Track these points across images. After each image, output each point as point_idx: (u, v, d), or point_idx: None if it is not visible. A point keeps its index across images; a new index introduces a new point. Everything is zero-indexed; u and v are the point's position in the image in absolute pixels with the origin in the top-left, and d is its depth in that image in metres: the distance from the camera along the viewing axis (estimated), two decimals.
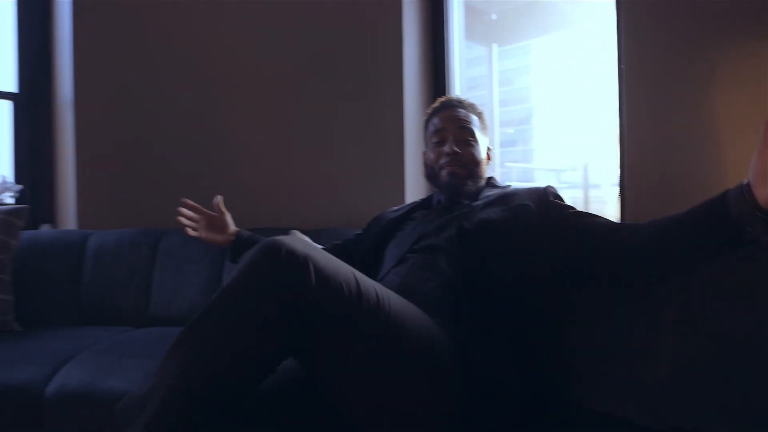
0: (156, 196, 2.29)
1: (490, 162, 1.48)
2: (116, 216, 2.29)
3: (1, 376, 1.46)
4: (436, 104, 1.50)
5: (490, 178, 1.47)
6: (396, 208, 1.56)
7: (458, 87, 2.30)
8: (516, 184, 1.55)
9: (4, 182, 2.27)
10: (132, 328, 1.94)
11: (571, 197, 2.21)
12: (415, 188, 2.16)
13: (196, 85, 2.31)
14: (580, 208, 1.27)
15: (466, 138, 1.40)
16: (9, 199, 2.28)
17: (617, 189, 1.68)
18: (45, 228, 2.41)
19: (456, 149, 1.38)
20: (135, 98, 2.33)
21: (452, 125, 1.41)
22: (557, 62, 2.73)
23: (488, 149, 1.48)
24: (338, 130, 2.18)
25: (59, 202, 2.47)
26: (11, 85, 2.43)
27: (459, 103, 1.46)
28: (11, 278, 1.90)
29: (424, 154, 1.52)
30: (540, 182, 1.48)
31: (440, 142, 1.42)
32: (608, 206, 2.04)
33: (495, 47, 3.95)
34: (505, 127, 3.66)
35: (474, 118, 1.44)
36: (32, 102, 2.44)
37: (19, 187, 2.31)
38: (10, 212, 1.95)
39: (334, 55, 2.19)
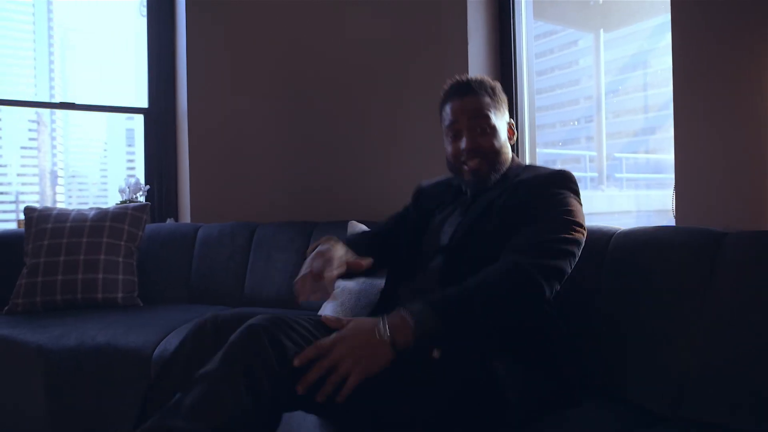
0: (253, 195, 2.61)
1: (513, 137, 1.39)
2: (222, 211, 2.63)
3: (120, 340, 1.80)
4: (446, 88, 1.39)
5: (513, 158, 1.39)
6: (434, 182, 1.52)
7: (526, 78, 2.30)
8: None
9: (137, 184, 2.71)
10: (228, 307, 2.24)
11: None
12: None
13: (291, 95, 2.59)
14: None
15: (482, 127, 1.31)
16: (141, 197, 2.71)
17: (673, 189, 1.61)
18: (169, 221, 2.82)
19: (473, 145, 1.30)
20: (237, 110, 2.67)
21: (464, 117, 1.31)
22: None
23: (509, 124, 1.39)
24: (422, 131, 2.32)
25: (180, 199, 2.88)
26: (143, 101, 2.88)
27: (468, 89, 1.33)
28: (137, 263, 2.29)
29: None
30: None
31: (456, 137, 1.33)
32: None
33: (602, 33, 3.80)
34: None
35: (486, 100, 1.32)
36: (159, 115, 2.87)
37: (148, 187, 2.74)
38: (137, 208, 2.35)
39: (415, 66, 2.32)
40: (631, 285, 1.30)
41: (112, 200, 4.28)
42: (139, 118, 2.89)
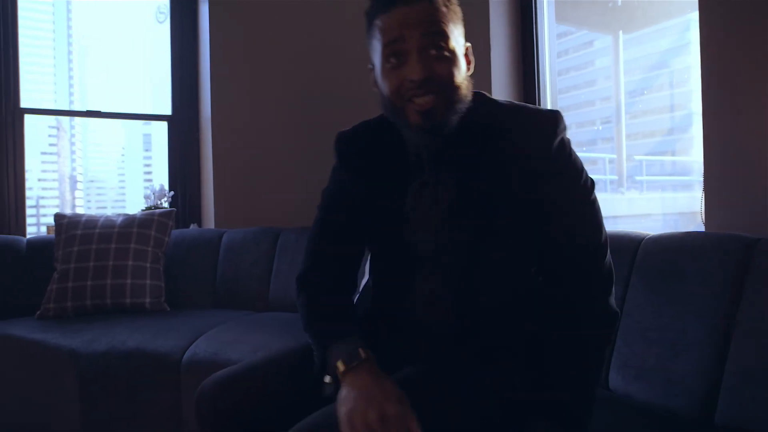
0: (276, 200, 2.64)
1: (471, 67, 1.02)
2: (245, 217, 2.66)
3: (149, 344, 1.84)
4: None
5: (477, 93, 1.03)
6: (355, 133, 1.14)
7: (548, 74, 2.30)
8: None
9: (162, 190, 2.75)
10: (254, 312, 2.26)
11: None
12: None
13: (312, 100, 2.61)
14: None
15: (438, 46, 0.94)
16: (165, 203, 2.75)
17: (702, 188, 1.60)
18: (193, 227, 2.86)
19: (427, 73, 0.92)
20: (260, 116, 2.70)
21: (414, 32, 0.93)
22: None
23: (467, 48, 1.01)
24: None
25: (203, 205, 2.92)
26: (160, 107, 2.93)
27: None
28: (163, 268, 2.33)
29: (371, 72, 1.04)
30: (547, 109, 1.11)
31: (400, 63, 0.95)
32: None
33: (621, 34, 3.79)
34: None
35: (442, 9, 0.96)
36: (183, 123, 2.92)
37: (172, 193, 2.78)
38: (163, 214, 2.39)
39: None
40: (661, 290, 1.30)
41: (129, 204, 4.35)
42: (157, 124, 2.94)
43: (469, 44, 1.02)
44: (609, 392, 1.35)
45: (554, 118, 0.99)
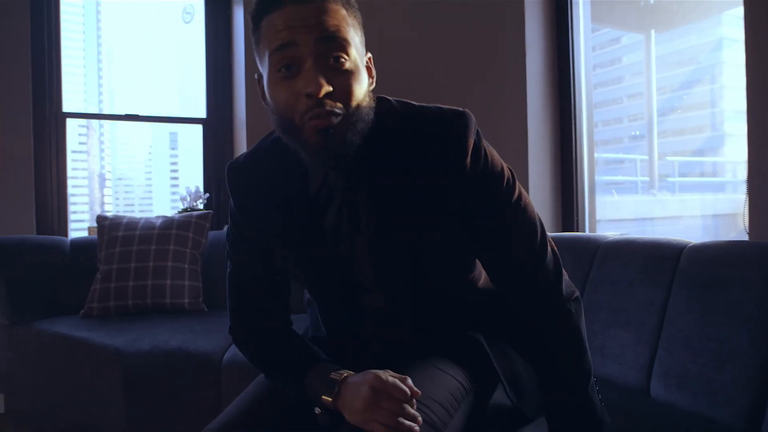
0: None
1: (372, 77, 0.92)
2: None
3: (191, 344, 1.89)
4: None
5: (379, 100, 0.92)
6: (246, 166, 1.00)
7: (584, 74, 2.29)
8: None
9: (197, 192, 2.81)
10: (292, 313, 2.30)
11: None
12: (538, 171, 2.23)
13: None
14: None
15: (337, 56, 0.82)
16: (200, 204, 2.81)
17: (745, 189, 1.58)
18: (226, 228, 2.92)
19: (324, 86, 0.80)
20: None
21: (308, 36, 0.81)
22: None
23: (368, 58, 0.91)
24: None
25: None
26: (196, 108, 2.99)
27: None
28: (201, 269, 2.38)
29: (259, 83, 0.92)
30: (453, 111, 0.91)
31: (292, 73, 0.82)
32: None
33: (653, 33, 3.75)
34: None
35: (341, 11, 0.84)
36: (217, 125, 2.97)
37: (207, 195, 2.84)
38: (200, 217, 2.44)
39: (466, 65, 2.34)
40: (704, 299, 1.29)
41: (156, 202, 4.42)
42: (198, 128, 3.00)
43: (370, 54, 0.91)
44: (651, 400, 1.35)
45: (462, 122, 0.88)
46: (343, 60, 0.83)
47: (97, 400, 1.95)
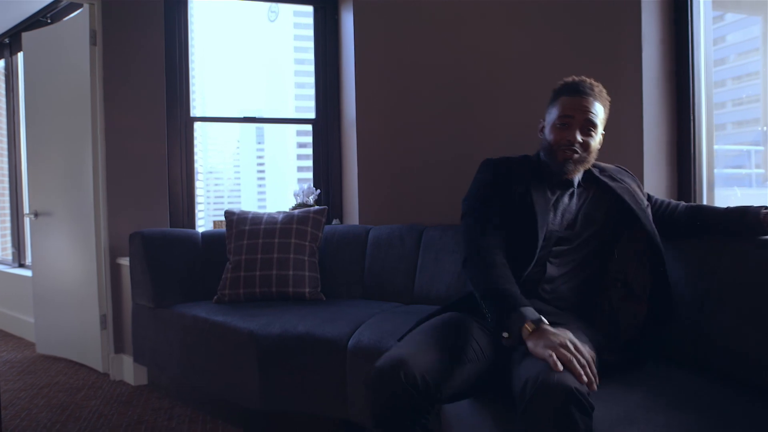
0: (419, 199, 2.77)
1: (600, 142, 1.60)
2: (388, 214, 2.83)
3: (317, 330, 2.04)
4: (569, 81, 1.59)
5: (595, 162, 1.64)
6: (503, 158, 1.67)
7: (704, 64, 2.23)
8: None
9: (310, 188, 3.00)
10: (401, 304, 2.42)
11: None
12: (653, 170, 2.20)
13: (454, 103, 2.71)
14: None
15: (589, 128, 1.54)
16: (311, 200, 3.00)
17: None
18: (335, 222, 3.09)
19: (579, 140, 1.53)
20: (403, 120, 2.84)
21: (581, 115, 1.53)
22: None
23: (602, 135, 1.60)
24: None
25: (345, 202, 3.13)
26: (312, 113, 3.17)
27: (591, 90, 1.55)
28: (318, 261, 2.55)
29: (541, 124, 1.65)
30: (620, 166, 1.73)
31: (565, 127, 1.54)
32: None
33: None
34: None
35: (599, 108, 1.56)
36: (326, 125, 3.15)
37: (318, 191, 3.02)
38: (317, 212, 2.61)
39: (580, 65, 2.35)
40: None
41: (244, 194, 4.65)
42: (309, 128, 3.19)
43: (603, 132, 1.60)
44: None
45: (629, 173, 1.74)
46: (592, 130, 1.55)
47: (234, 376, 2.16)
